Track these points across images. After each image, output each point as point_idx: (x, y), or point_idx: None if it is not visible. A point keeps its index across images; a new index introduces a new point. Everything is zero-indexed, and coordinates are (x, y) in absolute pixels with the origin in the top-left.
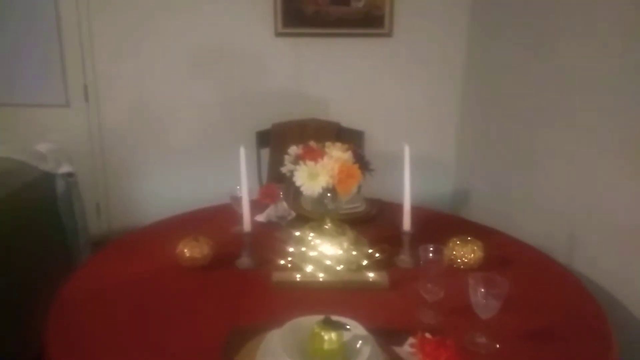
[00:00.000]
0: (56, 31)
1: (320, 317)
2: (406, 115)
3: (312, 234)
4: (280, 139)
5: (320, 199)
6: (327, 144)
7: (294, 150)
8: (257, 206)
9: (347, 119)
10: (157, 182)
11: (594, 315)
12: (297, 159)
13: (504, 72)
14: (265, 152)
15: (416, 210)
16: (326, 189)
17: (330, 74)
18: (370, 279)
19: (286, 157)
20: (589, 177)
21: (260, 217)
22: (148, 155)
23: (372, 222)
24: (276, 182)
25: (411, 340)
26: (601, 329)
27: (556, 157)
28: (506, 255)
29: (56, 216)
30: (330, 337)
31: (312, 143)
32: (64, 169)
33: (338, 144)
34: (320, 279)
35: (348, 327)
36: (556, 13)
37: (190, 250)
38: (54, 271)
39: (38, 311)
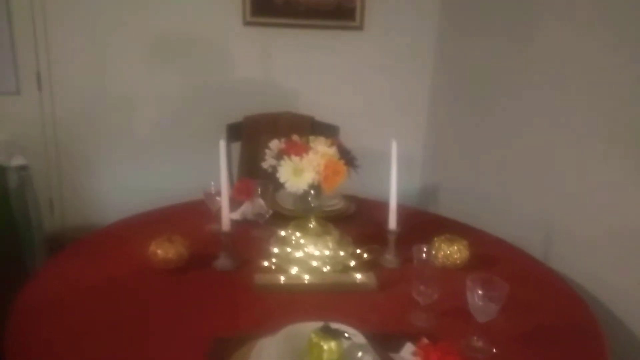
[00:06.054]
0: (5, 13)
1: (317, 324)
2: (376, 109)
3: (297, 234)
4: (253, 133)
5: (303, 196)
6: (311, 138)
7: (275, 144)
8: (230, 203)
9: (318, 113)
10: (116, 178)
11: (583, 316)
12: (281, 154)
13: (476, 66)
14: (236, 146)
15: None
16: (311, 186)
17: (301, 66)
18: (358, 281)
19: (267, 151)
20: (563, 172)
21: (235, 215)
22: (106, 148)
23: (350, 219)
24: (248, 177)
25: (410, 346)
26: (593, 330)
27: (529, 153)
28: (490, 254)
29: (8, 212)
30: (330, 346)
31: (295, 137)
32: (17, 161)
33: (322, 138)
34: (306, 282)
35: (347, 335)
36: (532, 3)
37: (164, 251)
38: (6, 271)
39: None
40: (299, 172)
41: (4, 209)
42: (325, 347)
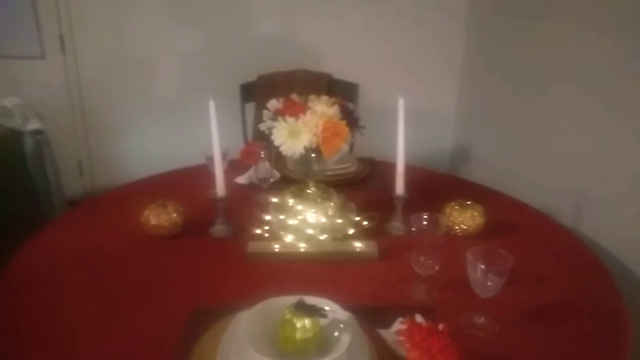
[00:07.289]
0: None
1: (295, 298)
2: (404, 66)
3: (292, 200)
4: (267, 92)
5: (303, 160)
6: (311, 97)
7: (273, 104)
8: (239, 167)
9: (341, 70)
10: (142, 138)
11: (606, 290)
12: (277, 115)
13: (511, 18)
14: (251, 107)
15: (411, 171)
16: (309, 149)
17: (322, 21)
18: (358, 250)
19: (264, 112)
20: (602, 133)
21: (241, 179)
22: (131, 109)
23: (363, 184)
24: (261, 139)
25: (400, 323)
26: (615, 306)
27: (567, 112)
28: (510, 221)
29: (26, 176)
30: (303, 324)
31: (294, 96)
32: (32, 125)
33: (324, 97)
34: (302, 250)
35: (325, 311)
36: None
37: (156, 217)
38: (26, 235)
39: None
40: (295, 134)
41: (21, 173)
42: (298, 324)
